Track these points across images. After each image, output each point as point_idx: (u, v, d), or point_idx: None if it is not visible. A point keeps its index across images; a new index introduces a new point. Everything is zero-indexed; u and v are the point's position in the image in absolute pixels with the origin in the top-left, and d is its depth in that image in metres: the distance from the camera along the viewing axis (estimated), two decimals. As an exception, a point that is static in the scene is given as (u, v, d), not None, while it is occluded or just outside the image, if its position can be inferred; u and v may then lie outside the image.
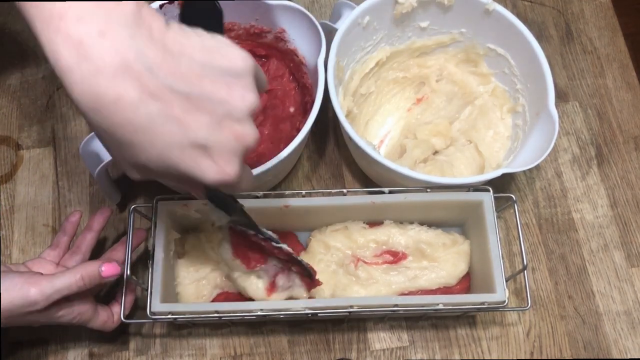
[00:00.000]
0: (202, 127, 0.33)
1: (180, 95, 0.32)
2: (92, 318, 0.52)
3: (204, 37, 0.34)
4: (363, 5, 0.62)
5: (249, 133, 0.35)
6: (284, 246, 0.51)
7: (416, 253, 0.60)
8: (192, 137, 0.33)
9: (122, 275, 0.51)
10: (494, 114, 0.68)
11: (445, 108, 0.70)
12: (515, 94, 0.65)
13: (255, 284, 0.55)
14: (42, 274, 0.49)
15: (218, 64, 0.34)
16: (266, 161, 0.54)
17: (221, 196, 0.45)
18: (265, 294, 0.55)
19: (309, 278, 0.54)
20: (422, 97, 0.71)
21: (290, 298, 0.55)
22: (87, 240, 0.57)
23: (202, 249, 0.59)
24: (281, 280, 0.54)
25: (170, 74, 0.32)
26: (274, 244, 0.51)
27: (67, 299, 0.50)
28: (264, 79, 0.38)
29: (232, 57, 0.34)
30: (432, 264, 0.59)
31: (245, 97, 0.34)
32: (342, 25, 0.61)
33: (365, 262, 0.59)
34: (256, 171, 0.53)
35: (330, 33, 0.61)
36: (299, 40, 0.63)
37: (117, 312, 0.55)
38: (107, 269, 0.50)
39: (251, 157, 0.62)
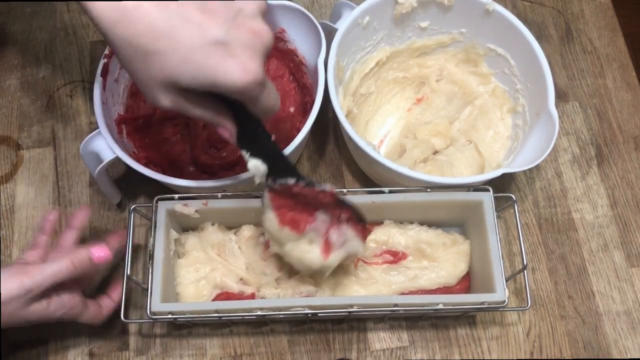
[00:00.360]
0: (219, 25, 0.36)
1: None
2: (82, 312, 0.53)
3: None
4: (363, 5, 0.62)
5: (264, 30, 0.38)
6: (327, 186, 0.49)
7: (416, 253, 0.60)
8: (212, 36, 0.36)
9: (116, 271, 0.51)
10: (494, 114, 0.68)
11: (445, 108, 0.70)
12: (515, 94, 0.65)
13: (309, 250, 0.52)
14: (30, 264, 0.50)
15: None
16: (266, 161, 0.54)
17: (253, 127, 0.45)
18: (322, 258, 0.52)
19: (361, 223, 0.52)
20: (422, 97, 0.71)
21: (348, 258, 0.53)
22: (69, 238, 0.56)
23: (202, 249, 0.59)
24: (334, 235, 0.51)
25: None
26: (316, 188, 0.49)
27: (57, 294, 0.50)
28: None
29: None
30: (432, 264, 0.59)
31: None
32: (342, 25, 0.61)
33: (365, 262, 0.59)
34: (256, 171, 0.53)
35: (330, 33, 0.61)
36: (299, 40, 0.63)
37: (106, 305, 0.56)
38: (98, 253, 0.51)
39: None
